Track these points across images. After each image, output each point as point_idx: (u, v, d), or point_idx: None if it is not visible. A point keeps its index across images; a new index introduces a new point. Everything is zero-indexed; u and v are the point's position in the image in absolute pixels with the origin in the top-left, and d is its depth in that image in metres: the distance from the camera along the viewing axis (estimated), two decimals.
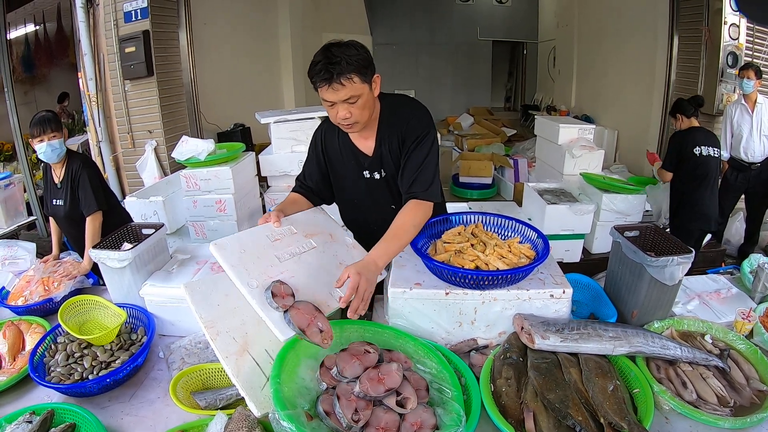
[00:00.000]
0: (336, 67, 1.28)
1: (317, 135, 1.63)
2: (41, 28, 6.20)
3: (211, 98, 4.80)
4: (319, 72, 1.30)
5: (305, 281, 1.25)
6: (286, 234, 1.39)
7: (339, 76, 1.29)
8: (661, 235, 1.56)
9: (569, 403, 1.07)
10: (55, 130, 2.11)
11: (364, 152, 1.54)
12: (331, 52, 1.30)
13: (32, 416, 1.14)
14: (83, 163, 2.20)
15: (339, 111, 1.36)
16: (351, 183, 1.60)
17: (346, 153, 1.56)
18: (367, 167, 1.55)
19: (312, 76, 1.33)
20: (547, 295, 1.32)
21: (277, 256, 1.29)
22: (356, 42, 1.35)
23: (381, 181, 1.56)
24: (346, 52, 1.30)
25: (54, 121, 2.11)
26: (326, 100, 1.36)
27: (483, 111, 9.24)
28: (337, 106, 1.35)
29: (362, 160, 1.55)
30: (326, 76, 1.29)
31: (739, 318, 1.44)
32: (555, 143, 3.67)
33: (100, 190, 2.21)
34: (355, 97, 1.33)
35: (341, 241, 1.47)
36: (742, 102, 3.44)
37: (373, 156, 1.53)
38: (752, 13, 3.25)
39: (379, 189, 1.58)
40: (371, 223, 1.60)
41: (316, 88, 1.35)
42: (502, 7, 9.94)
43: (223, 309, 1.25)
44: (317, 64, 1.30)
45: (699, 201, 3.05)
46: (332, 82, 1.29)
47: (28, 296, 1.74)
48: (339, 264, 1.35)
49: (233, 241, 1.28)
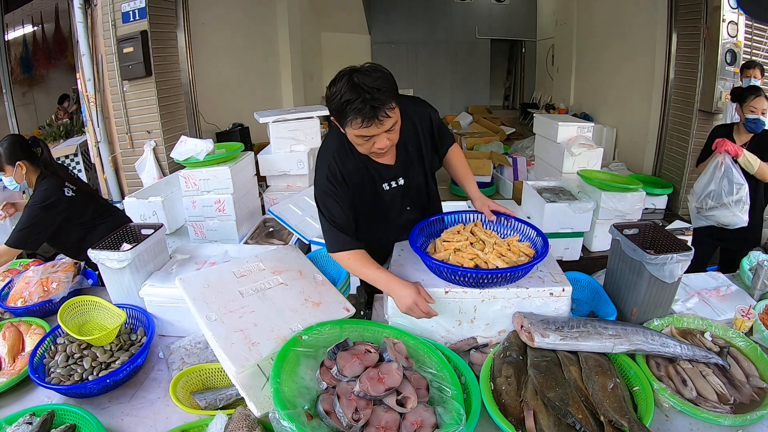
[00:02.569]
0: (377, 101, 1.18)
1: (333, 172, 1.41)
2: (39, 29, 6.19)
3: (210, 98, 4.79)
4: (359, 111, 1.18)
5: (265, 316, 1.27)
6: (253, 270, 1.43)
7: (382, 110, 1.20)
8: (660, 232, 1.56)
9: (569, 401, 1.07)
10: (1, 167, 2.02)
11: (385, 164, 1.48)
12: (362, 85, 1.18)
13: (32, 417, 1.14)
14: (41, 202, 2.01)
15: (377, 142, 1.28)
16: (369, 200, 1.52)
17: (364, 172, 1.46)
18: (389, 178, 1.50)
19: (347, 115, 1.20)
20: (546, 294, 1.32)
21: (240, 292, 1.33)
22: (375, 65, 1.25)
23: (399, 188, 1.53)
24: (375, 79, 1.19)
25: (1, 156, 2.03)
26: (363, 136, 1.26)
27: (482, 109, 9.23)
28: (375, 139, 1.27)
29: (384, 173, 1.49)
30: (371, 114, 1.19)
31: (738, 315, 1.44)
32: (554, 141, 3.67)
33: (33, 233, 1.99)
34: (395, 125, 1.27)
35: (309, 277, 1.48)
36: None
37: (396, 164, 1.49)
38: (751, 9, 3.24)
39: (397, 197, 1.55)
40: (381, 234, 1.59)
41: (344, 125, 1.25)
42: (501, 5, 9.93)
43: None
44: (351, 102, 1.18)
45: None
46: (376, 118, 1.20)
47: (27, 297, 1.74)
48: (304, 300, 1.36)
49: (198, 276, 1.36)
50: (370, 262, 1.38)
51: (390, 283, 1.30)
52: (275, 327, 1.24)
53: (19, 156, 2.06)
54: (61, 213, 2.07)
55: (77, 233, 2.17)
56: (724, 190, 2.43)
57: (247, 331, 1.20)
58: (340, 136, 1.39)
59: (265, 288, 1.37)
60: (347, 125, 1.25)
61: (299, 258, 1.56)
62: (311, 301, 1.35)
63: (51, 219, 2.04)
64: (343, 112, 1.21)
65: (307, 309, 1.32)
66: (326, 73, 8.97)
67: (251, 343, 1.17)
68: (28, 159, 2.09)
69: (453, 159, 1.68)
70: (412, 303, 1.25)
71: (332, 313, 1.33)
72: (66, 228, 2.11)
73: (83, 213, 2.18)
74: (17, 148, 2.07)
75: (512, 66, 11.37)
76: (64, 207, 2.07)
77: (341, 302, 1.39)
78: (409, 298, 1.25)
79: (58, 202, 2.05)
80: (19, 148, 2.08)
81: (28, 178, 2.10)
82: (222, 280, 1.36)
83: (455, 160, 1.69)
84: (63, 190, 2.09)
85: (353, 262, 1.39)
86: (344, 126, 1.27)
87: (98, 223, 2.24)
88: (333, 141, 1.44)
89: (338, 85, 1.21)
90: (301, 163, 3.36)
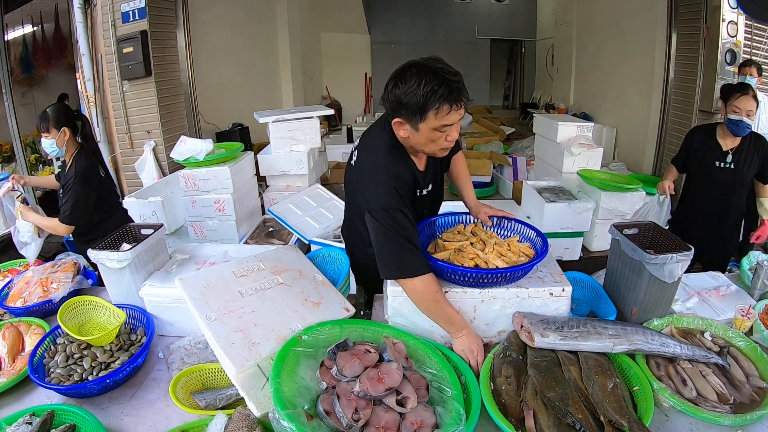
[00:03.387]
0: (460, 83, 1.19)
1: (398, 182, 1.31)
2: (39, 29, 6.18)
3: (210, 98, 4.80)
4: (447, 97, 1.17)
5: (265, 316, 1.27)
6: (253, 270, 1.43)
7: (464, 92, 1.21)
8: (660, 232, 1.56)
9: (569, 401, 1.07)
10: (45, 130, 2.09)
11: (420, 170, 1.45)
12: (443, 72, 1.18)
13: (32, 417, 1.14)
14: (80, 176, 2.09)
15: (451, 132, 1.26)
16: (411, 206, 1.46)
17: (411, 179, 1.40)
18: (424, 185, 1.48)
19: (431, 105, 1.18)
20: (546, 293, 1.32)
21: (240, 292, 1.33)
22: (434, 56, 1.26)
23: (429, 194, 1.52)
24: (448, 65, 1.21)
25: (44, 119, 2.09)
26: (446, 124, 1.23)
27: (481, 109, 9.22)
28: (451, 128, 1.25)
29: (421, 179, 1.46)
30: (457, 97, 1.19)
31: (738, 315, 1.44)
32: (554, 141, 3.67)
33: (83, 207, 2.10)
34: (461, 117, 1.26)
35: (310, 277, 1.47)
36: None
37: (427, 170, 1.48)
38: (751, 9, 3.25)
39: (426, 204, 1.55)
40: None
41: (423, 119, 1.21)
42: (501, 5, 9.94)
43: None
44: (437, 90, 1.17)
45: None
46: (460, 101, 1.20)
47: (27, 297, 1.74)
48: (304, 300, 1.36)
49: (198, 276, 1.35)
50: (443, 294, 1.30)
51: (465, 327, 1.31)
52: (275, 327, 1.23)
53: (64, 122, 2.12)
54: (95, 191, 2.16)
55: (97, 217, 2.23)
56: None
57: (247, 331, 1.20)
58: (391, 141, 1.36)
59: (265, 288, 1.36)
60: (428, 117, 1.21)
61: (299, 258, 1.56)
62: (311, 301, 1.35)
63: (92, 193, 2.14)
64: (428, 103, 1.18)
65: (307, 309, 1.32)
66: (326, 73, 8.97)
67: (251, 343, 1.17)
68: (72, 127, 2.16)
69: (456, 165, 1.71)
70: (477, 348, 1.29)
71: (332, 313, 1.33)
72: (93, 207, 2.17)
73: (107, 199, 2.28)
74: (64, 114, 2.15)
75: (512, 66, 11.38)
76: (96, 185, 2.16)
77: (341, 302, 1.39)
78: (476, 345, 1.30)
79: (94, 178, 2.16)
80: (65, 114, 2.16)
81: (67, 146, 2.16)
82: (222, 280, 1.35)
83: (457, 167, 1.72)
84: (98, 169, 2.20)
85: (432, 291, 1.26)
86: (424, 120, 1.22)
87: (113, 213, 2.31)
88: (382, 146, 1.37)
89: (415, 79, 1.18)
90: (301, 163, 3.36)
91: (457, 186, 1.73)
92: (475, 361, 1.28)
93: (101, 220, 2.24)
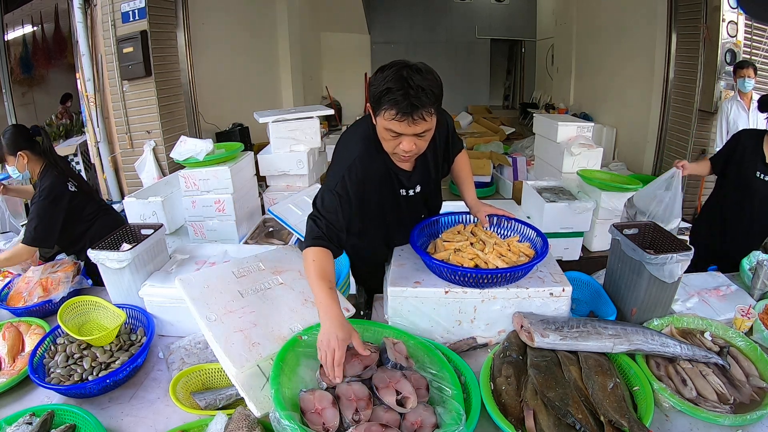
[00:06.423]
0: (419, 100, 1.14)
1: (352, 177, 1.32)
2: (39, 29, 6.19)
3: (210, 98, 4.80)
4: (397, 103, 1.14)
5: (265, 316, 1.27)
6: (253, 270, 1.43)
7: (420, 111, 1.15)
8: (660, 232, 1.56)
9: (569, 401, 1.07)
10: (2, 159, 2.04)
11: (405, 170, 1.45)
12: (409, 79, 1.13)
13: (32, 417, 1.14)
14: (44, 194, 2.02)
15: (403, 144, 1.23)
16: (387, 205, 1.50)
17: (387, 175, 1.42)
18: (408, 185, 1.48)
19: (383, 103, 1.17)
20: (546, 294, 1.32)
21: (240, 292, 1.33)
22: (429, 67, 1.21)
23: (416, 196, 1.53)
24: (424, 79, 1.15)
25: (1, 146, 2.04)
26: (392, 131, 1.21)
27: (481, 109, 9.24)
28: (403, 138, 1.22)
29: (404, 179, 1.46)
30: (407, 110, 1.14)
31: (738, 315, 1.44)
32: (554, 141, 3.67)
33: (47, 227, 2.01)
34: (427, 131, 1.22)
35: None
36: (737, 98, 3.44)
37: (414, 171, 1.48)
38: (751, 9, 3.25)
39: (413, 204, 1.55)
40: (398, 240, 1.57)
41: (377, 114, 1.21)
42: (501, 5, 9.95)
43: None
44: (392, 91, 1.14)
45: None
46: (411, 116, 1.16)
47: (27, 297, 1.74)
48: (304, 300, 1.36)
49: (198, 276, 1.35)
50: (330, 273, 1.24)
51: (330, 310, 1.14)
52: (275, 327, 1.23)
53: (21, 146, 2.07)
54: (65, 207, 2.09)
55: (79, 228, 2.19)
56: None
57: (247, 331, 1.20)
58: (369, 131, 1.36)
59: (265, 288, 1.37)
60: (380, 114, 1.20)
61: (299, 258, 1.56)
62: (311, 301, 1.34)
63: (58, 213, 2.06)
64: (381, 99, 1.17)
65: (307, 309, 1.32)
66: (326, 73, 8.98)
67: (251, 343, 1.17)
68: (29, 148, 2.10)
69: (458, 164, 1.70)
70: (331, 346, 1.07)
71: None
72: (67, 224, 2.12)
73: (84, 209, 2.20)
74: (18, 137, 2.09)
75: (512, 66, 11.39)
76: (67, 201, 2.10)
77: (341, 302, 1.39)
78: (334, 340, 1.07)
79: (62, 196, 2.07)
80: (20, 138, 2.09)
81: (31, 167, 2.12)
82: (222, 280, 1.35)
83: (459, 165, 1.71)
84: (66, 184, 2.12)
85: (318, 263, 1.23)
86: (377, 115, 1.22)
87: (95, 220, 2.25)
88: (360, 137, 1.38)
89: (385, 72, 1.17)
90: (301, 163, 3.36)
91: (458, 184, 1.72)
92: (325, 358, 1.07)
93: (85, 229, 2.21)
